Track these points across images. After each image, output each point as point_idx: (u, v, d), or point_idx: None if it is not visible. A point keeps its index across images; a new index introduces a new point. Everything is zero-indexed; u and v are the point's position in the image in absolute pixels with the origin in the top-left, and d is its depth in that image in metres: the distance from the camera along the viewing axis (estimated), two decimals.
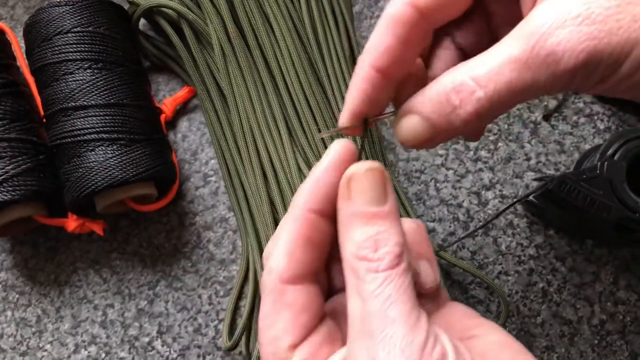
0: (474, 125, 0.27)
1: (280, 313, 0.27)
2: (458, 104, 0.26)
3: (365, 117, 0.29)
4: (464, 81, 0.26)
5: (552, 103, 0.52)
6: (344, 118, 0.29)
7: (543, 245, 0.49)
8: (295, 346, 0.27)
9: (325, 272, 0.31)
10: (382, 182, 0.27)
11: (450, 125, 0.27)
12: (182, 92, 0.53)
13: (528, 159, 0.51)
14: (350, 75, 0.50)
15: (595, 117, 0.51)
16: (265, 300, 0.28)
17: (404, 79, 0.30)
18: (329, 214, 0.28)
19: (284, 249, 0.28)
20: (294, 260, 0.28)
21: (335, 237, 0.29)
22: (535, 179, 0.50)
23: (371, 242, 0.26)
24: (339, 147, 0.28)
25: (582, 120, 0.51)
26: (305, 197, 0.28)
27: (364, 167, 0.27)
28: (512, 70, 0.25)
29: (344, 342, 0.27)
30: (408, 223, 0.31)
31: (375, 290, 0.25)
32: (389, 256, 0.26)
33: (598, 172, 0.44)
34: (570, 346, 0.46)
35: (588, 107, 0.52)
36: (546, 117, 0.51)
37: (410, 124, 0.28)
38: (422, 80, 0.31)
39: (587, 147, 0.51)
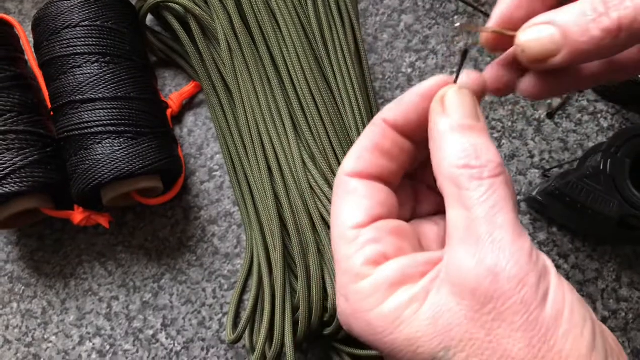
0: (607, 46, 0.25)
1: (345, 200, 0.28)
2: (604, 11, 0.25)
3: (465, 49, 0.28)
4: None
5: (556, 101, 0.52)
6: (494, 20, 0.28)
7: (546, 242, 0.49)
8: (359, 226, 0.27)
9: (409, 196, 0.32)
10: (472, 101, 0.27)
11: (585, 35, 0.25)
12: (188, 87, 0.53)
13: (532, 157, 0.51)
14: (355, 72, 0.50)
15: (599, 115, 0.52)
16: (334, 195, 0.29)
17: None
18: (404, 131, 0.29)
19: (353, 150, 0.29)
20: (360, 160, 0.29)
21: (414, 158, 0.30)
22: (543, 174, 0.50)
23: (472, 151, 0.26)
24: (432, 79, 0.28)
25: (586, 118, 0.52)
26: (384, 110, 0.29)
27: (456, 88, 0.27)
28: None
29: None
30: None
31: (481, 197, 0.25)
32: (492, 164, 0.26)
33: (601, 169, 0.44)
34: None
35: (592, 105, 0.52)
36: (550, 115, 0.52)
37: (538, 30, 0.27)
38: None
39: (591, 145, 0.51)
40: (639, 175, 0.43)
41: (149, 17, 0.54)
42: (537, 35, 0.27)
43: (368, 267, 0.26)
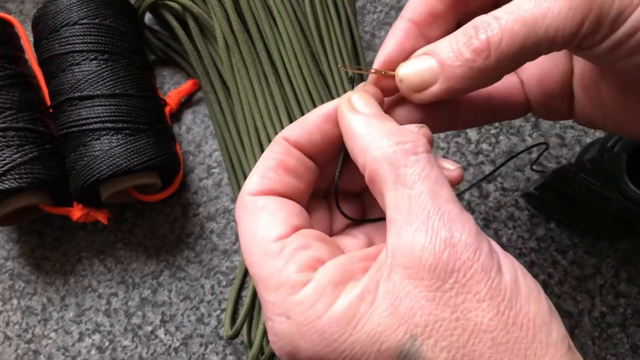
0: (481, 67, 0.26)
1: (257, 217, 0.26)
2: (473, 34, 0.26)
3: (352, 76, 0.30)
4: (484, 19, 0.26)
5: None
6: (379, 58, 0.29)
7: (544, 238, 0.49)
8: (282, 237, 0.26)
9: (323, 215, 0.31)
10: (379, 99, 0.28)
11: (458, 59, 0.26)
12: (186, 85, 0.53)
13: (529, 153, 0.51)
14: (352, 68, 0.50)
15: None
16: (240, 219, 0.27)
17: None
18: (308, 152, 0.29)
19: (255, 171, 0.28)
20: (265, 179, 0.28)
21: (319, 178, 0.30)
22: (536, 171, 0.50)
23: (399, 130, 0.26)
24: (335, 101, 0.29)
25: None
26: (285, 129, 0.29)
27: (358, 89, 0.28)
28: (528, 2, 0.25)
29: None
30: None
31: (422, 171, 0.24)
32: (421, 140, 0.25)
33: (598, 163, 0.44)
34: (571, 338, 0.46)
35: None
36: None
37: (416, 62, 0.28)
38: None
39: (589, 140, 0.51)
40: (635, 170, 0.43)
41: (147, 15, 0.54)
42: (415, 66, 0.28)
43: (305, 274, 0.24)
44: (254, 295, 0.47)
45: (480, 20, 0.26)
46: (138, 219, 0.52)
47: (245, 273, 0.49)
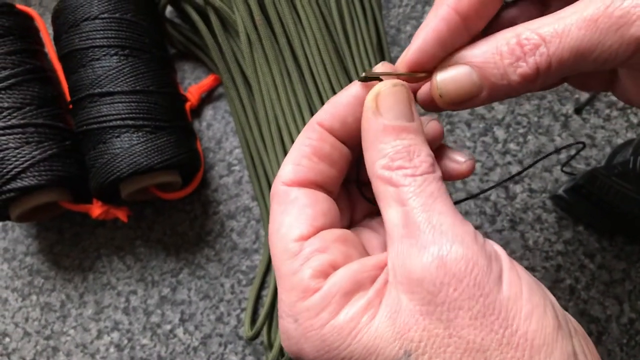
0: (526, 86, 0.26)
1: (286, 210, 0.27)
2: (521, 56, 0.25)
3: (378, 76, 0.27)
4: (529, 36, 0.25)
5: (584, 96, 0.50)
6: (410, 54, 0.27)
7: (572, 241, 0.48)
8: (303, 238, 0.26)
9: (346, 203, 0.31)
10: (408, 99, 0.27)
11: (504, 79, 0.26)
12: (207, 80, 0.52)
13: (558, 154, 0.49)
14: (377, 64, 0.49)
15: (629, 111, 0.50)
16: (272, 207, 0.28)
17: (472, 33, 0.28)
18: (341, 135, 0.28)
19: (290, 158, 0.28)
20: (299, 167, 0.28)
21: (351, 164, 0.29)
22: (566, 172, 0.49)
23: (404, 153, 0.25)
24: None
25: (615, 113, 0.50)
26: (318, 113, 0.28)
27: (390, 84, 0.27)
28: (579, 29, 0.24)
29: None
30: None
31: (417, 189, 0.24)
32: (425, 164, 0.25)
33: (630, 167, 0.43)
34: (597, 345, 0.45)
35: (621, 101, 0.50)
36: (578, 110, 0.50)
37: (455, 75, 0.27)
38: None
39: (620, 141, 0.49)
40: None
41: (168, 8, 0.53)
42: (456, 81, 0.27)
43: (317, 280, 0.25)
44: (275, 295, 0.46)
45: (526, 37, 0.25)
46: (158, 216, 0.51)
47: (266, 273, 0.48)
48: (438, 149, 0.30)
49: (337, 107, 0.28)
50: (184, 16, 0.53)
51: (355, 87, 0.28)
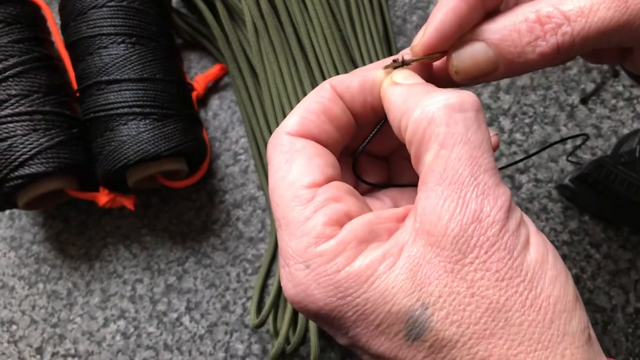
0: (544, 64, 0.25)
1: (292, 159, 0.26)
2: (541, 35, 0.24)
3: (402, 61, 0.27)
4: (552, 13, 0.24)
5: (590, 86, 0.50)
6: (427, 36, 0.27)
7: (577, 231, 0.48)
8: (315, 185, 0.25)
9: (350, 173, 0.30)
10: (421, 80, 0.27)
11: (522, 57, 0.25)
12: (213, 70, 0.53)
13: (564, 144, 0.49)
14: (383, 55, 0.49)
15: (635, 101, 0.50)
16: (273, 157, 0.26)
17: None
18: (348, 105, 0.28)
19: (297, 110, 0.27)
20: (306, 121, 0.27)
21: (355, 136, 0.29)
22: (572, 162, 0.49)
23: (444, 92, 0.24)
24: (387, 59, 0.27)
25: (621, 104, 0.50)
26: (335, 77, 0.28)
27: (404, 67, 0.27)
28: (608, 8, 0.23)
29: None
30: None
31: (466, 133, 0.23)
32: (471, 97, 0.24)
33: (637, 155, 0.43)
34: (603, 335, 0.45)
35: (627, 91, 0.50)
36: (584, 100, 0.50)
37: (471, 52, 0.26)
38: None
39: (626, 131, 0.49)
40: None
41: None
42: (472, 57, 0.26)
43: (332, 227, 0.24)
44: (280, 284, 0.46)
45: (546, 14, 0.24)
46: (164, 205, 0.51)
47: (272, 261, 0.48)
48: None
49: (354, 80, 0.28)
50: (191, 6, 0.53)
51: (375, 71, 0.28)
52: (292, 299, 0.25)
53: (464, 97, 0.24)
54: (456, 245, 0.22)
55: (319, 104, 0.27)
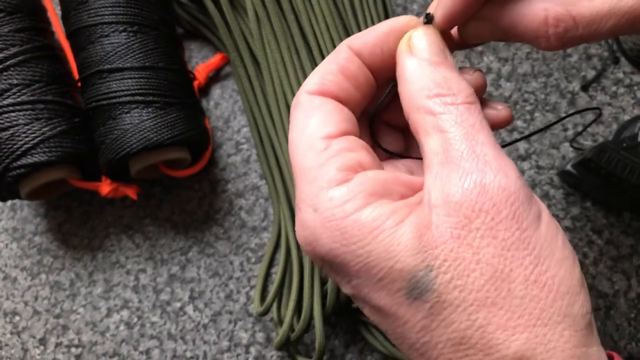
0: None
1: (310, 114, 0.27)
2: (550, 32, 0.25)
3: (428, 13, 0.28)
4: (562, 15, 0.25)
5: (591, 73, 0.51)
6: (440, 13, 0.27)
7: (579, 217, 0.48)
8: (330, 136, 0.26)
9: (368, 137, 0.30)
10: (441, 41, 0.27)
11: (526, 41, 0.26)
12: (215, 59, 0.52)
13: (565, 130, 0.50)
14: None
15: (635, 88, 0.50)
16: (294, 115, 0.27)
17: None
18: (368, 64, 0.28)
19: (316, 71, 0.28)
20: (325, 81, 0.27)
21: (373, 96, 0.29)
22: (575, 148, 0.49)
23: (444, 82, 0.25)
24: (406, 17, 0.28)
25: (622, 90, 0.50)
26: (351, 37, 0.28)
27: (422, 28, 0.27)
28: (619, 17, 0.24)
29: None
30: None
31: (458, 118, 0.24)
32: (464, 92, 0.25)
33: (639, 140, 0.43)
34: (606, 319, 0.46)
35: (628, 78, 0.50)
36: (584, 88, 0.50)
37: (479, 28, 0.28)
38: None
39: (626, 118, 0.50)
40: None
41: None
42: (474, 27, 0.28)
43: (345, 173, 0.24)
44: (284, 273, 0.46)
45: (555, 16, 0.25)
46: (166, 195, 0.51)
47: (275, 250, 0.48)
48: None
49: (368, 35, 0.28)
50: None
51: (392, 20, 0.28)
52: (302, 243, 0.25)
53: (457, 93, 0.25)
54: (462, 211, 0.22)
55: (336, 64, 0.28)
